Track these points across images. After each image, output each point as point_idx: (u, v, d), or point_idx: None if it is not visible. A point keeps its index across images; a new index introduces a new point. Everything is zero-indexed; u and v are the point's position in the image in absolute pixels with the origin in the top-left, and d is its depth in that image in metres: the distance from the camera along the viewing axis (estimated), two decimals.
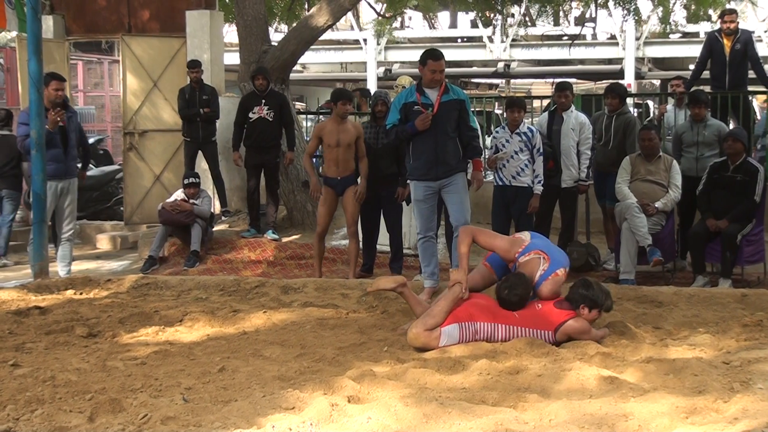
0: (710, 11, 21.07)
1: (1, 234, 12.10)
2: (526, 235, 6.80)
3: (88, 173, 15.02)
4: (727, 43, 11.71)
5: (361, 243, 9.81)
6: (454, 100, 8.14)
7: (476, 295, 6.53)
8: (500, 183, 9.32)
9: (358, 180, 9.52)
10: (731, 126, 11.32)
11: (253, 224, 11.74)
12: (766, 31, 25.66)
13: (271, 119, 11.32)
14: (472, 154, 8.38)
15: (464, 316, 6.22)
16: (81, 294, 8.27)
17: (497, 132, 9.55)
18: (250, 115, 11.33)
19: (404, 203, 9.73)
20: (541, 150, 9.19)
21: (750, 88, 12.71)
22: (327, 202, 9.51)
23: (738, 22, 12.04)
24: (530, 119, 14.04)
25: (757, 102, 22.17)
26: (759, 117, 17.77)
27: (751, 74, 12.13)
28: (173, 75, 13.38)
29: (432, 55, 8.10)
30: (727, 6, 14.82)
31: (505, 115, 9.42)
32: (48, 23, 13.83)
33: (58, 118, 9.60)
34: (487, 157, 9.45)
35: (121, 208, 13.96)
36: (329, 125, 9.37)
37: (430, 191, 8.17)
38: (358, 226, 9.64)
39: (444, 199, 8.33)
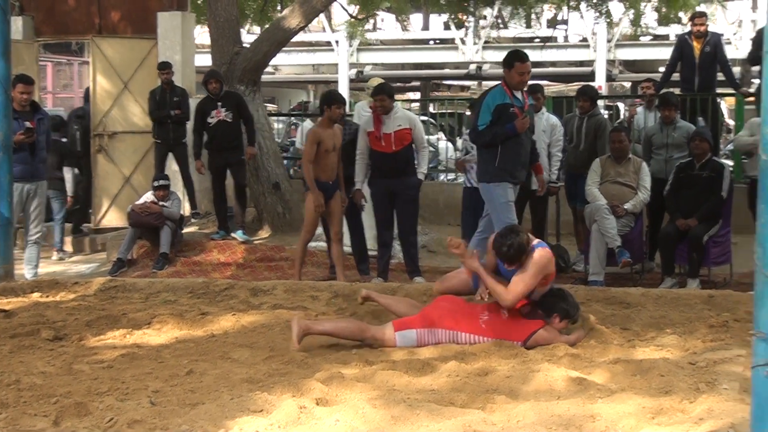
0: (681, 14, 21.21)
1: (56, 230, 12.87)
2: None
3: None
4: (696, 46, 11.81)
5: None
6: (530, 104, 8.15)
7: (444, 298, 6.47)
8: (469, 185, 9.33)
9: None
10: None
11: (222, 226, 11.70)
12: (735, 34, 25.87)
13: (230, 120, 11.33)
14: (535, 158, 8.51)
15: (425, 322, 6.15)
16: (47, 297, 8.19)
17: (466, 135, 9.58)
18: (209, 119, 11.35)
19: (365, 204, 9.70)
20: None
21: (719, 90, 12.82)
22: (315, 209, 9.33)
23: (708, 25, 12.16)
24: None
25: (725, 104, 22.35)
26: (727, 119, 17.93)
27: (720, 76, 12.24)
28: (144, 76, 13.31)
29: (519, 57, 8.02)
30: (698, 9, 14.90)
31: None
32: (17, 24, 13.72)
33: (23, 137, 9.48)
34: (455, 159, 9.47)
35: (90, 211, 13.85)
36: (324, 130, 9.21)
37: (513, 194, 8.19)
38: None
39: None
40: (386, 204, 9.55)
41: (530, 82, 8.82)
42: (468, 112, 20.43)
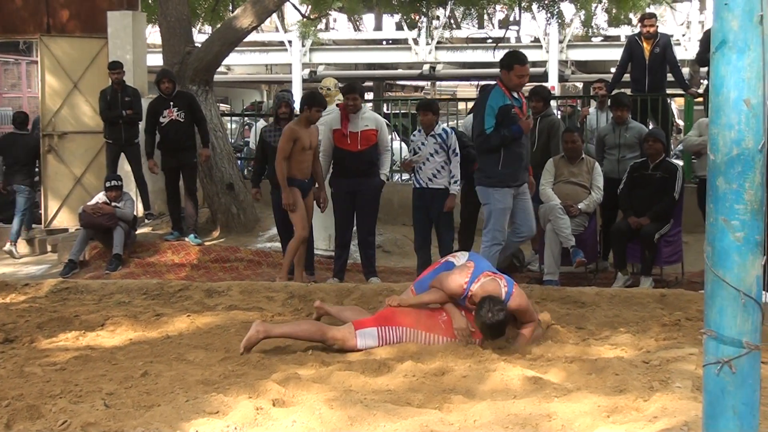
0: (631, 15, 21.42)
1: (15, 223, 12.91)
2: (463, 258, 6.55)
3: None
4: (646, 47, 11.94)
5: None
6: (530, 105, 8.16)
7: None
8: (418, 186, 9.36)
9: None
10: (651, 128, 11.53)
11: (175, 227, 11.62)
12: (684, 35, 26.19)
13: (182, 120, 11.26)
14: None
15: (384, 321, 6.15)
16: None
17: (414, 135, 9.62)
18: (161, 119, 11.29)
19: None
20: (457, 150, 9.23)
21: (669, 91, 12.97)
22: (302, 206, 9.18)
23: (657, 27, 12.30)
24: (456, 121, 14.13)
25: (675, 105, 22.63)
26: (677, 120, 18.13)
27: (670, 77, 12.38)
28: (94, 76, 13.15)
29: (518, 60, 8.02)
30: (647, 10, 15.06)
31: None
32: None
33: None
34: (403, 159, 9.51)
35: (40, 211, 13.68)
36: (300, 129, 9.08)
37: (513, 198, 8.16)
38: None
39: (515, 206, 8.35)
40: (347, 204, 9.54)
41: (482, 83, 8.88)
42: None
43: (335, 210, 9.71)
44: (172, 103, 11.26)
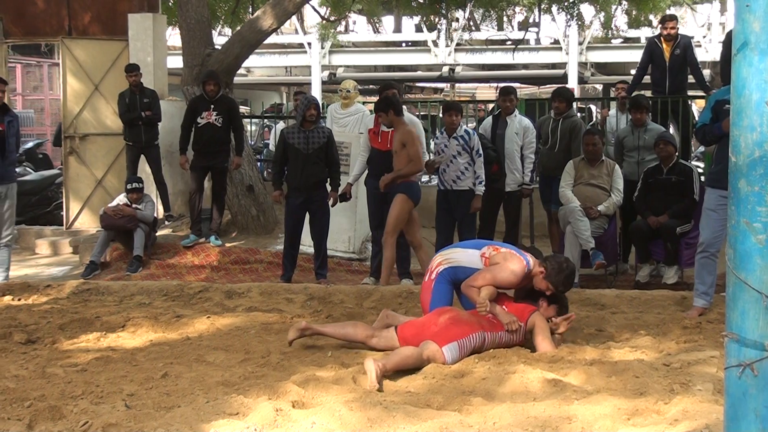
0: (651, 16, 21.36)
1: None
2: (483, 249, 6.54)
3: (26, 178, 14.87)
4: (666, 49, 11.86)
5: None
6: None
7: (435, 312, 6.18)
8: (442, 187, 9.35)
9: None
10: (671, 131, 11.49)
11: (193, 229, 11.59)
12: (704, 37, 26.07)
13: (219, 125, 11.21)
14: None
15: (456, 331, 5.82)
16: (19, 300, 8.15)
17: (436, 137, 9.61)
18: (198, 119, 11.21)
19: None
20: (480, 151, 9.22)
21: (690, 93, 12.90)
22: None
23: (678, 28, 12.22)
24: (474, 123, 14.11)
25: (696, 107, 22.54)
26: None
27: (691, 79, 12.32)
28: (115, 78, 13.21)
29: None
30: (668, 12, 15.01)
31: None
32: None
33: None
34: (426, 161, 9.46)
35: (62, 213, 13.76)
36: None
37: (724, 201, 7.43)
38: None
39: None
40: (380, 204, 9.50)
41: (502, 85, 8.81)
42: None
43: (369, 210, 9.71)
44: (212, 106, 11.24)
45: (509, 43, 27.64)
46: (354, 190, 10.03)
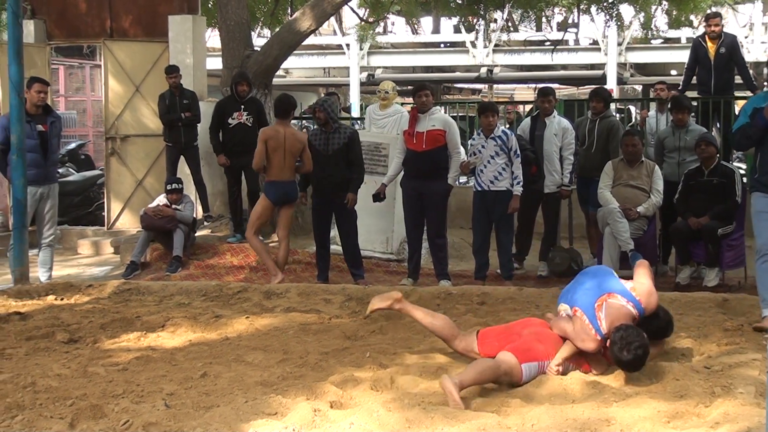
0: (691, 17, 21.17)
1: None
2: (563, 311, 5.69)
3: (69, 179, 15.04)
4: (711, 47, 11.71)
5: None
6: None
7: (528, 323, 5.81)
8: (479, 188, 9.34)
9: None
10: (714, 132, 11.38)
11: (237, 230, 11.69)
12: (746, 37, 25.78)
13: (250, 125, 11.30)
14: None
15: (540, 353, 5.38)
16: (62, 299, 8.23)
17: (473, 138, 9.59)
18: (230, 120, 11.32)
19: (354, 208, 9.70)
20: (518, 152, 9.21)
21: (737, 94, 12.70)
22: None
23: (722, 26, 12.06)
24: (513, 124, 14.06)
25: (738, 108, 22.32)
26: None
27: (738, 79, 12.16)
28: (156, 80, 13.31)
29: None
30: (710, 10, 14.84)
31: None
32: (29, 28, 13.75)
33: None
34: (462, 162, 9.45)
35: (103, 213, 13.89)
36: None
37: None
38: None
39: None
40: (415, 206, 9.51)
41: (540, 86, 8.73)
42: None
43: (404, 211, 9.72)
44: (243, 107, 11.33)
45: (548, 43, 27.54)
46: (392, 191, 10.02)
